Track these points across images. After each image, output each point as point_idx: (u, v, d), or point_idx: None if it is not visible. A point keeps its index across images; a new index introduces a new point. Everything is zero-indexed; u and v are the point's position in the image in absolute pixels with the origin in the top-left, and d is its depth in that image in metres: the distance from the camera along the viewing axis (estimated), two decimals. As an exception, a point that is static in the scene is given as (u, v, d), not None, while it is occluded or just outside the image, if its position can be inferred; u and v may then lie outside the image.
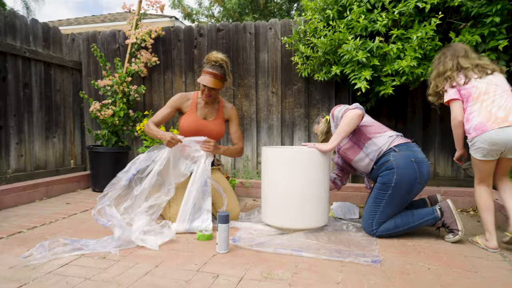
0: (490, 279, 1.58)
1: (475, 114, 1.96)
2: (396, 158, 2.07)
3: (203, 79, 2.37)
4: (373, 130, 2.22)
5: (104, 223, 1.97)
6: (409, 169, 2.05)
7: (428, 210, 2.10)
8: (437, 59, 2.21)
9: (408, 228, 2.09)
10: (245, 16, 13.14)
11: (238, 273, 1.60)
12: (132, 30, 3.59)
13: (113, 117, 3.43)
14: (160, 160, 2.20)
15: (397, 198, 2.08)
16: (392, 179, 2.05)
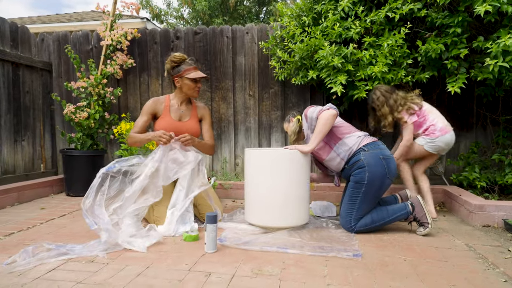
0: (459, 267, 1.74)
1: (438, 120, 2.66)
2: (366, 157, 2.22)
3: (196, 73, 2.45)
4: (343, 131, 2.33)
5: (91, 225, 1.95)
6: (379, 166, 2.20)
7: (400, 205, 2.26)
8: (381, 101, 2.71)
9: (384, 223, 2.23)
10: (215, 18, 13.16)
11: (229, 271, 1.65)
12: (107, 32, 3.54)
13: (89, 119, 3.36)
14: (152, 162, 2.21)
15: (371, 194, 2.22)
16: (365, 177, 2.19)
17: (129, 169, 2.20)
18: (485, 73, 2.62)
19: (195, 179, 2.26)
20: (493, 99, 3.26)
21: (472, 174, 3.04)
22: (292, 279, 1.58)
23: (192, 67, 2.46)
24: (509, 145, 3.23)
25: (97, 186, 2.05)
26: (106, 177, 2.11)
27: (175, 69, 2.47)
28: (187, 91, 2.50)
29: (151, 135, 2.31)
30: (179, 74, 2.45)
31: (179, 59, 2.45)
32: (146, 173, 2.17)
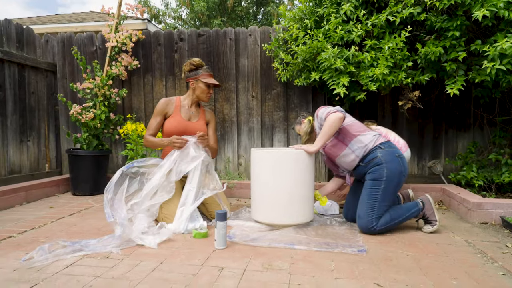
0: (460, 262, 1.82)
1: (399, 139, 2.89)
2: (383, 154, 2.28)
3: (211, 80, 2.61)
4: (357, 129, 2.39)
5: (108, 217, 2.02)
6: (396, 163, 2.26)
7: (412, 203, 2.33)
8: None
9: (400, 220, 2.28)
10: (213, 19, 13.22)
11: (240, 266, 1.72)
12: (112, 33, 3.59)
13: (95, 120, 3.41)
14: (168, 163, 2.28)
15: (390, 190, 2.25)
16: (383, 173, 2.24)
17: (146, 170, 2.28)
18: (482, 75, 2.71)
19: (205, 180, 2.33)
20: (490, 101, 3.35)
21: (470, 173, 3.13)
22: (302, 273, 1.65)
23: (208, 74, 2.63)
24: (506, 145, 3.33)
25: (115, 182, 2.13)
26: (125, 177, 2.19)
27: (193, 72, 2.62)
28: (199, 94, 2.63)
29: (165, 141, 2.42)
30: (196, 77, 2.60)
31: (198, 63, 2.62)
32: (163, 172, 2.24)
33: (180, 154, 2.35)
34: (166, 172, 2.27)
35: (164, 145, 2.46)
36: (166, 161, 2.33)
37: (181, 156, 2.34)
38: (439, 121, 3.55)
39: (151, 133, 2.57)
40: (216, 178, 2.40)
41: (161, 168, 2.30)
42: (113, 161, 3.99)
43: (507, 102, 3.29)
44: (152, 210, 2.21)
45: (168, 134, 2.56)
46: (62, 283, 1.52)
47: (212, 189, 2.33)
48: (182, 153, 2.35)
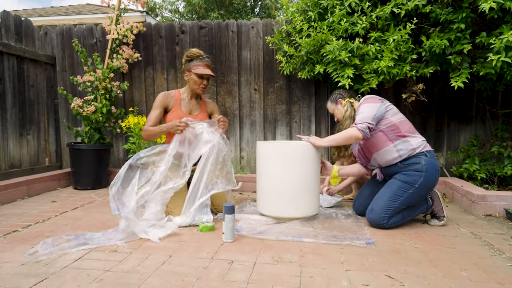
0: (467, 253, 1.82)
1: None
2: (427, 163, 2.21)
3: (203, 70, 2.50)
4: (408, 129, 2.28)
5: (114, 210, 2.00)
6: (433, 176, 2.22)
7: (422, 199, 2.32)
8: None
9: (410, 218, 2.28)
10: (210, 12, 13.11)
11: (250, 259, 1.71)
12: (112, 25, 3.54)
13: (96, 113, 3.38)
14: (173, 144, 2.26)
15: (414, 197, 2.22)
16: (418, 180, 2.19)
17: (155, 158, 2.26)
18: (487, 68, 2.70)
19: (218, 172, 2.29)
20: (492, 94, 3.35)
21: (473, 166, 3.14)
22: (312, 265, 1.65)
23: (202, 64, 2.52)
24: (508, 137, 3.34)
25: (123, 175, 2.10)
26: (135, 169, 2.17)
27: (187, 64, 2.55)
28: (192, 85, 2.56)
29: (165, 127, 2.36)
30: (189, 68, 2.54)
31: (192, 54, 2.52)
32: (168, 157, 2.22)
33: (192, 137, 2.30)
34: (171, 157, 2.23)
35: (163, 131, 2.38)
36: (172, 144, 2.29)
37: (192, 139, 2.30)
38: (442, 114, 3.55)
39: (149, 125, 2.48)
40: (232, 173, 2.35)
41: (166, 152, 2.28)
42: (114, 155, 3.96)
43: (510, 95, 3.30)
44: (167, 196, 2.19)
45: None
46: (72, 277, 1.51)
47: (225, 184, 2.30)
48: (195, 136, 2.30)
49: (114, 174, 3.68)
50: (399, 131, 2.26)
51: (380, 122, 2.26)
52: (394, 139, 2.26)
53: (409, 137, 2.27)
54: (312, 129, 3.66)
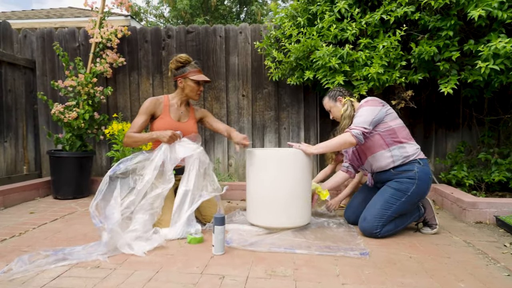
0: (463, 263, 1.79)
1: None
2: (420, 171, 2.17)
3: (201, 76, 2.45)
4: (406, 135, 2.25)
5: (96, 223, 1.89)
6: (426, 184, 2.19)
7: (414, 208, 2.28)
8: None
9: (403, 226, 2.24)
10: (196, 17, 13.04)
11: (242, 273, 1.63)
12: (96, 29, 3.43)
13: (78, 119, 3.24)
14: (159, 155, 2.16)
15: (406, 205, 2.19)
16: (411, 188, 2.15)
17: (136, 166, 2.14)
18: (475, 75, 2.72)
19: (203, 182, 2.22)
20: (479, 100, 3.39)
21: (461, 172, 3.15)
22: (307, 279, 1.58)
23: (197, 70, 2.46)
24: (494, 144, 3.37)
25: (105, 190, 1.98)
26: (115, 180, 2.05)
27: (180, 70, 2.45)
28: (189, 92, 2.48)
29: (156, 134, 2.26)
30: (183, 74, 2.43)
31: (185, 60, 2.44)
32: (155, 164, 2.12)
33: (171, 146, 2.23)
34: (158, 163, 2.14)
35: (153, 139, 2.28)
36: (156, 152, 2.20)
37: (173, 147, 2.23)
38: (429, 120, 3.56)
39: (133, 131, 2.36)
40: (215, 180, 2.29)
41: (152, 161, 2.17)
42: (97, 162, 3.82)
43: (496, 102, 3.34)
44: (155, 204, 2.08)
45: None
46: (51, 297, 1.40)
47: (211, 191, 2.22)
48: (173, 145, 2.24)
49: (96, 182, 3.54)
50: (396, 136, 2.22)
51: (379, 125, 2.21)
52: (391, 144, 2.22)
53: (406, 144, 2.23)
54: (301, 136, 3.61)
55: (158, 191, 2.10)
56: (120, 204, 1.98)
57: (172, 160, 2.19)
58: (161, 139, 2.23)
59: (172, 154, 2.20)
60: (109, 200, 1.98)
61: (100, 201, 1.95)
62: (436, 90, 3.30)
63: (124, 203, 2.00)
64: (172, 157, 2.19)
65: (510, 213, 2.50)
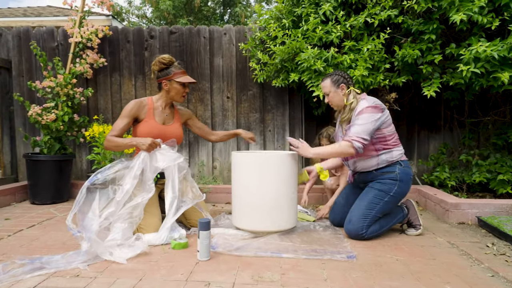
0: (448, 264, 1.80)
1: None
2: (401, 172, 2.22)
3: (186, 78, 2.39)
4: (395, 141, 2.27)
5: (74, 233, 1.82)
6: (407, 184, 2.25)
7: (398, 209, 2.31)
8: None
9: (388, 227, 2.25)
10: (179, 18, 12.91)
11: (228, 279, 1.59)
12: (75, 28, 3.33)
13: (57, 121, 3.13)
14: (138, 164, 2.09)
15: (390, 205, 2.23)
16: (393, 189, 2.20)
17: (115, 175, 2.06)
18: (457, 78, 2.76)
19: (183, 188, 2.17)
20: (459, 103, 3.45)
21: (443, 174, 3.20)
22: (295, 284, 1.55)
23: (181, 71, 2.39)
24: (474, 146, 3.45)
25: (82, 201, 1.91)
26: (94, 191, 1.97)
27: (163, 71, 2.37)
28: (174, 95, 2.41)
29: (135, 141, 2.18)
30: (168, 76, 2.36)
31: (168, 61, 2.35)
32: (134, 173, 2.05)
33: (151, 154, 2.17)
34: (138, 172, 2.07)
35: (132, 145, 2.21)
36: (135, 161, 2.13)
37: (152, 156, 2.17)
38: (412, 122, 3.61)
39: (115, 134, 2.29)
40: (195, 185, 2.25)
41: (131, 169, 2.10)
42: (77, 166, 3.71)
43: (475, 104, 3.41)
44: (135, 214, 2.01)
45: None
46: (26, 309, 1.33)
47: (192, 198, 2.18)
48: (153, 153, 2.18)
49: (76, 186, 3.43)
50: (386, 143, 2.25)
51: (374, 133, 2.22)
52: (380, 149, 2.25)
53: (393, 149, 2.27)
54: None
55: (138, 200, 2.03)
56: (99, 216, 1.91)
57: (152, 169, 2.13)
58: (140, 147, 2.16)
59: (152, 162, 2.14)
60: (87, 212, 1.91)
61: (78, 212, 1.88)
62: (419, 93, 3.34)
63: (103, 214, 1.93)
64: (152, 165, 2.13)
65: (491, 214, 2.55)
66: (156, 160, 2.15)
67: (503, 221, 2.35)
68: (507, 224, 2.28)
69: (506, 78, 2.46)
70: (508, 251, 1.99)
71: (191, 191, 2.20)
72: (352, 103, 2.27)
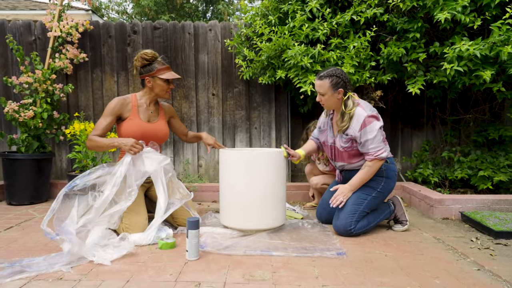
0: (435, 259, 1.83)
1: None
2: (387, 168, 2.27)
3: (171, 74, 2.32)
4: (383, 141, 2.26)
5: (52, 237, 1.75)
6: (393, 180, 2.30)
7: (384, 205, 2.34)
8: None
9: (375, 223, 2.27)
10: (161, 15, 12.70)
11: (219, 279, 1.56)
12: (54, 22, 3.20)
13: (35, 119, 3.01)
14: (120, 170, 2.02)
15: (377, 201, 2.27)
16: (379, 185, 2.24)
17: (95, 181, 1.99)
18: (440, 76, 2.81)
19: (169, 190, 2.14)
20: (442, 101, 3.52)
21: (427, 170, 3.26)
22: (286, 282, 1.54)
23: (165, 67, 2.32)
24: (456, 143, 3.52)
25: (57, 208, 1.83)
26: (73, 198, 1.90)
27: (146, 68, 2.30)
28: (159, 92, 2.34)
29: (117, 142, 2.11)
30: (151, 73, 2.29)
31: (151, 57, 2.28)
32: (115, 180, 1.98)
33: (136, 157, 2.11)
34: (119, 179, 2.00)
35: (114, 146, 2.14)
36: (117, 167, 2.07)
37: (137, 160, 2.11)
38: (396, 120, 3.66)
39: (97, 134, 2.22)
40: (181, 185, 2.22)
41: (113, 175, 2.04)
42: (56, 165, 3.58)
43: (457, 102, 3.48)
44: (112, 221, 1.95)
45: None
46: (7, 315, 1.26)
47: (180, 198, 2.14)
48: (139, 157, 2.12)
49: (56, 186, 3.32)
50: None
51: None
52: None
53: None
54: (272, 136, 3.58)
55: (117, 208, 1.97)
56: (76, 222, 1.84)
57: (139, 174, 2.08)
58: (122, 148, 2.10)
59: (139, 167, 2.09)
60: (65, 218, 1.84)
61: (55, 219, 1.81)
62: (403, 91, 3.39)
63: (80, 221, 1.86)
64: (139, 170, 2.08)
65: (474, 209, 2.61)
66: (144, 164, 2.10)
67: (486, 215, 2.40)
68: (489, 219, 2.33)
69: (487, 76, 2.52)
70: (492, 245, 2.04)
71: (178, 191, 2.17)
72: (352, 110, 2.17)
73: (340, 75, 2.19)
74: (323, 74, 2.21)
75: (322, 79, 2.20)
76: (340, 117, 2.23)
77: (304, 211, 2.81)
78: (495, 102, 3.37)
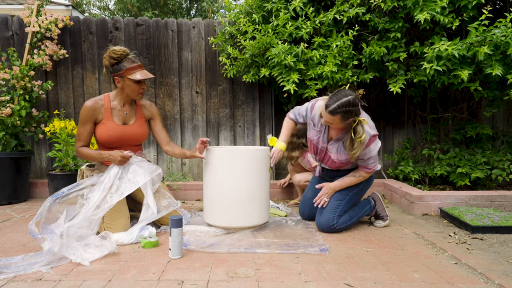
0: (415, 254, 1.87)
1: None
2: None
3: (141, 74, 2.14)
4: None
5: (35, 235, 1.72)
6: (372, 177, 2.39)
7: (365, 201, 2.39)
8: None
9: (357, 218, 2.31)
10: (144, 11, 12.52)
11: (202, 277, 1.56)
12: (32, 17, 3.12)
13: (13, 116, 2.93)
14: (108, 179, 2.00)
15: (357, 197, 2.34)
16: (361, 183, 2.31)
17: (83, 192, 1.98)
18: (420, 75, 2.88)
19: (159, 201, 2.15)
20: (422, 100, 3.60)
21: (407, 167, 3.33)
22: (269, 278, 1.55)
23: (136, 65, 2.14)
24: (436, 140, 3.61)
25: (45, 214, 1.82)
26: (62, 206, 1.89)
27: (115, 67, 2.13)
28: (130, 93, 2.19)
29: (107, 155, 2.10)
30: (120, 73, 2.12)
31: (119, 55, 2.10)
32: (102, 188, 1.97)
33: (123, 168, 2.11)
34: (107, 186, 2.00)
35: (104, 159, 2.13)
36: (105, 175, 2.05)
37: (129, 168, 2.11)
38: (378, 118, 3.72)
39: (83, 145, 2.17)
40: (169, 195, 2.23)
41: (100, 184, 2.02)
42: (36, 164, 3.49)
43: (437, 101, 3.57)
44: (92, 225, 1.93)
45: (102, 144, 2.22)
46: (-17, 318, 1.22)
47: (166, 206, 2.14)
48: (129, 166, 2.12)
49: (36, 186, 3.24)
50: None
51: None
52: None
53: None
54: (256, 134, 3.59)
55: (100, 214, 1.96)
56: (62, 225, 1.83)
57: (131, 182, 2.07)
58: (112, 161, 2.11)
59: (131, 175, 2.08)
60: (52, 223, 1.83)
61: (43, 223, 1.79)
62: (384, 90, 3.45)
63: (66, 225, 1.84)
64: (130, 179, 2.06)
65: (452, 205, 2.68)
66: (136, 173, 2.09)
67: (463, 211, 2.47)
68: (466, 214, 2.40)
69: (465, 76, 2.59)
70: (469, 240, 2.10)
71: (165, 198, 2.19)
72: (362, 138, 2.04)
73: (351, 107, 1.98)
74: (333, 108, 1.98)
75: (333, 114, 2.00)
76: (349, 143, 2.09)
77: (288, 208, 2.83)
78: (473, 101, 3.47)
